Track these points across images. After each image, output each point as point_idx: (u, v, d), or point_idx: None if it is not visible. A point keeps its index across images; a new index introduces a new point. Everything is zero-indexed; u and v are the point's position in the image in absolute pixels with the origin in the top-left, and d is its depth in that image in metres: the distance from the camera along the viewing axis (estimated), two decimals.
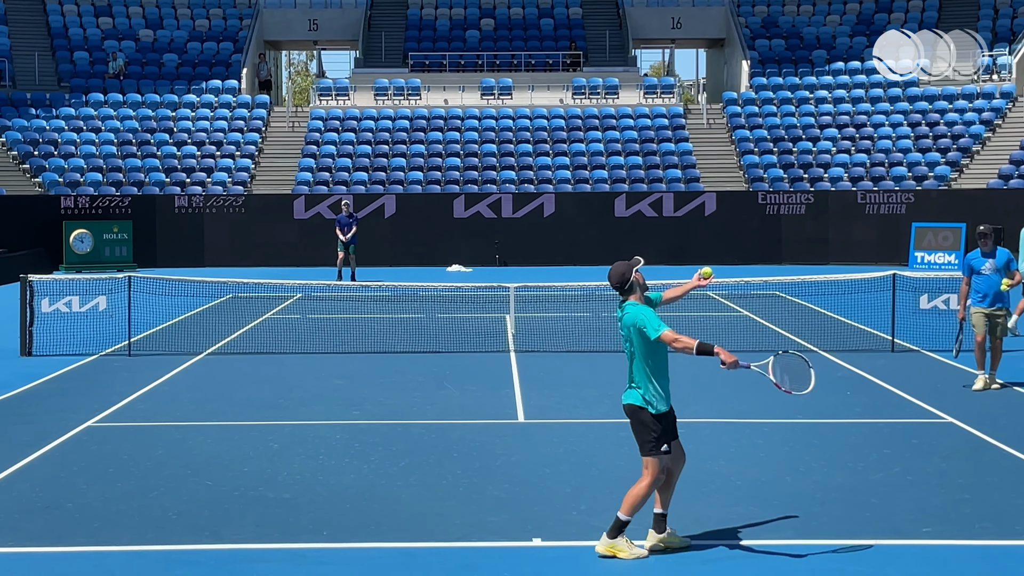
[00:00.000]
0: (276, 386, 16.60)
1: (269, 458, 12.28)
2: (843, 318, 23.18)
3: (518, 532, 9.69)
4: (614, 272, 9.20)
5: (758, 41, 47.45)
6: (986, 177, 39.30)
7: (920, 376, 17.33)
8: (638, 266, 9.22)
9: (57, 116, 43.06)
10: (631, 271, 9.17)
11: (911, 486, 11.14)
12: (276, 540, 9.53)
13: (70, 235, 35.49)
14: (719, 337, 21.01)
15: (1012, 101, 42.59)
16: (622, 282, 9.17)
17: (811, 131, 42.31)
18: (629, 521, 8.99)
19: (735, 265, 36.19)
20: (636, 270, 9.18)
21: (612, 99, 45.38)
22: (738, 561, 8.99)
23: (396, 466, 11.93)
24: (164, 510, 10.35)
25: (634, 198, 37.94)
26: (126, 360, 18.96)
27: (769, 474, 11.55)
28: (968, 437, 13.28)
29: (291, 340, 20.92)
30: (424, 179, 40.48)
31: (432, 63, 47.81)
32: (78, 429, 13.71)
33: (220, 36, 48.01)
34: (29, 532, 9.76)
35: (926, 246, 35.85)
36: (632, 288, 9.19)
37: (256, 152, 42.22)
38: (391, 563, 9.00)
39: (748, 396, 15.76)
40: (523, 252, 37.20)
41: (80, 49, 46.79)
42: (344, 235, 31.44)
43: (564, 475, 11.49)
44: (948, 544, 9.43)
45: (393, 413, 14.69)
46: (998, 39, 45.78)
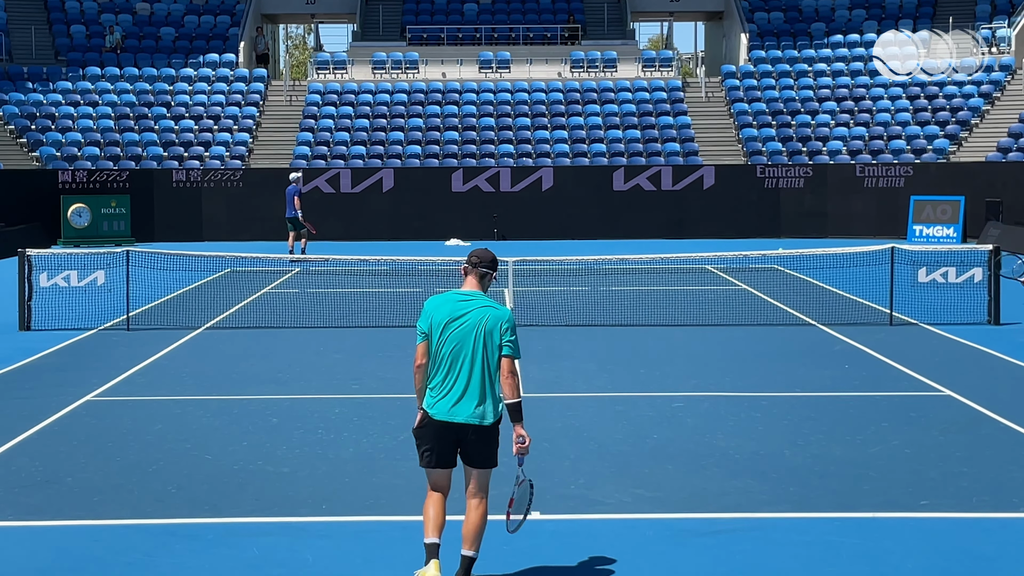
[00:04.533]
0: (275, 360, 16.61)
1: (268, 432, 12.30)
2: (841, 291, 23.18)
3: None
4: (489, 252, 8.05)
5: (757, 14, 47.30)
6: (985, 150, 39.24)
7: (918, 349, 17.35)
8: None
9: (54, 90, 42.94)
10: (495, 267, 8.08)
11: (909, 459, 11.16)
12: (275, 514, 9.55)
13: (68, 209, 35.43)
14: (719, 310, 21.02)
15: (1011, 74, 42.49)
16: (496, 263, 8.05)
17: (810, 104, 42.23)
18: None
19: (733, 239, 36.20)
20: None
21: (610, 73, 45.27)
22: (736, 534, 9.01)
23: (395, 440, 11.95)
24: (163, 484, 10.37)
25: (632, 172, 37.89)
26: (124, 334, 18.96)
27: (767, 447, 11.57)
28: (966, 410, 13.30)
29: (290, 314, 20.91)
30: (422, 153, 40.41)
31: (430, 36, 47.66)
32: (77, 403, 13.72)
33: (217, 9, 47.83)
34: (28, 506, 9.78)
35: (924, 219, 35.84)
36: (489, 282, 8.04)
37: (254, 126, 42.13)
38: (390, 537, 9.02)
39: (746, 370, 15.78)
40: (521, 226, 37.17)
41: (77, 23, 46.62)
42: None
43: (562, 449, 11.50)
44: (946, 517, 9.45)
45: (392, 387, 14.70)
46: (997, 11, 45.65)
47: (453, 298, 7.93)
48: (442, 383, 7.82)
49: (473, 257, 8.00)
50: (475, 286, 7.96)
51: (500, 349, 7.79)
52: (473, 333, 7.78)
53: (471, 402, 7.77)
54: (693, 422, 12.74)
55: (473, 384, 7.77)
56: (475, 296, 7.92)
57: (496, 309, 7.86)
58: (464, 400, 7.77)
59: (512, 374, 7.78)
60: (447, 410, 7.79)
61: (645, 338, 18.41)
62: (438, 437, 7.88)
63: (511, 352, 7.79)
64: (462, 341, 7.79)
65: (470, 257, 8.02)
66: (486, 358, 7.79)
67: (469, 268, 7.98)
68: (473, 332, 7.78)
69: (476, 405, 7.77)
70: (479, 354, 7.78)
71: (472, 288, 7.96)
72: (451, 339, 7.81)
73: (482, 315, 7.81)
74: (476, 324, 7.79)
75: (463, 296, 7.92)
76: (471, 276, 7.97)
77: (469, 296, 7.92)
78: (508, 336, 7.80)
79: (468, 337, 7.79)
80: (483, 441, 7.83)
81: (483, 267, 7.96)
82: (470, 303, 7.87)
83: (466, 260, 8.05)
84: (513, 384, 7.76)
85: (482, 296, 7.94)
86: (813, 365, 16.19)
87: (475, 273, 7.96)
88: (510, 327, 7.82)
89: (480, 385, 7.77)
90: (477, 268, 7.96)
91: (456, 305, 7.87)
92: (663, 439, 11.94)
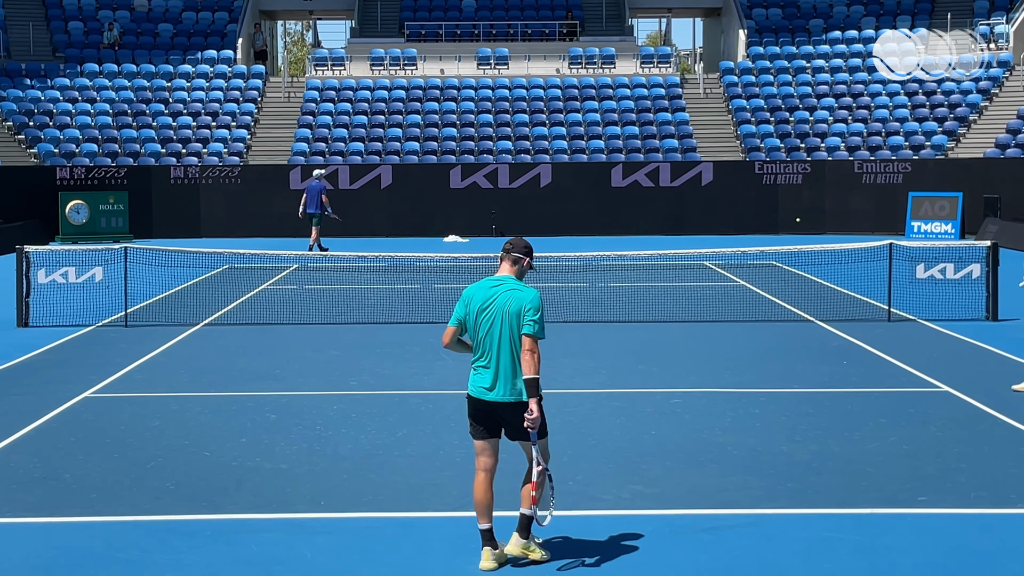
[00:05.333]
0: (273, 357, 16.61)
1: (266, 429, 12.30)
2: (839, 287, 23.19)
3: (515, 501, 9.68)
4: (523, 240, 8.54)
5: (755, 10, 47.28)
6: (983, 146, 39.25)
7: (916, 345, 17.36)
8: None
9: (52, 87, 42.91)
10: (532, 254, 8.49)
11: (907, 455, 11.17)
12: (273, 510, 9.55)
13: (66, 206, 35.43)
14: (717, 306, 21.03)
15: (1009, 70, 42.50)
16: (530, 250, 8.46)
17: (808, 101, 42.22)
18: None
19: (731, 235, 36.22)
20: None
21: (609, 69, 45.25)
22: (734, 531, 9.02)
23: (393, 436, 11.95)
24: (161, 480, 10.37)
25: (631, 168, 37.88)
26: (123, 331, 18.96)
27: (765, 444, 11.58)
28: (964, 406, 13.31)
29: (288, 311, 20.92)
30: (420, 149, 40.39)
31: (428, 33, 47.64)
32: (75, 400, 13.72)
33: (215, 6, 47.79)
34: (27, 502, 9.78)
35: (923, 215, 35.84)
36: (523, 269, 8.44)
37: (252, 123, 42.11)
38: (388, 533, 9.03)
39: (744, 366, 15.78)
40: (519, 222, 37.12)
41: (75, 19, 46.58)
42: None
43: (561, 445, 11.49)
44: (943, 513, 9.46)
45: (390, 384, 14.71)
46: (995, 7, 45.64)
47: (486, 284, 8.41)
48: (480, 364, 8.36)
49: (508, 244, 8.51)
50: (508, 271, 8.42)
51: (523, 327, 8.20)
52: (500, 316, 8.24)
53: (502, 382, 8.24)
54: (691, 418, 12.74)
55: (503, 365, 8.24)
56: (505, 281, 8.36)
57: (521, 292, 8.28)
58: (497, 381, 8.26)
59: (530, 351, 8.14)
60: (483, 390, 8.32)
61: (643, 334, 18.42)
62: (476, 412, 8.44)
63: (530, 330, 8.17)
64: (492, 324, 8.26)
65: (505, 244, 8.51)
66: (512, 339, 8.22)
67: (503, 254, 8.46)
68: (500, 315, 8.24)
69: (506, 384, 8.23)
70: (506, 336, 8.23)
71: (505, 273, 8.42)
72: (483, 323, 8.30)
73: (508, 298, 8.25)
74: (502, 307, 8.24)
75: (494, 282, 8.38)
76: (505, 262, 8.45)
77: (499, 281, 8.37)
78: (530, 316, 8.20)
79: (496, 320, 8.25)
80: (519, 416, 8.23)
81: (515, 252, 8.41)
82: (499, 288, 8.32)
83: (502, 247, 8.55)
84: (529, 360, 8.13)
85: (512, 280, 8.37)
86: (811, 361, 16.19)
87: (508, 259, 8.44)
88: (533, 307, 8.21)
89: (510, 365, 8.22)
90: (510, 253, 8.42)
91: (488, 291, 8.35)
92: (661, 435, 11.94)
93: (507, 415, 8.29)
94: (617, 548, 8.62)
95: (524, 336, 8.18)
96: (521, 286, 8.33)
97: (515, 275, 8.43)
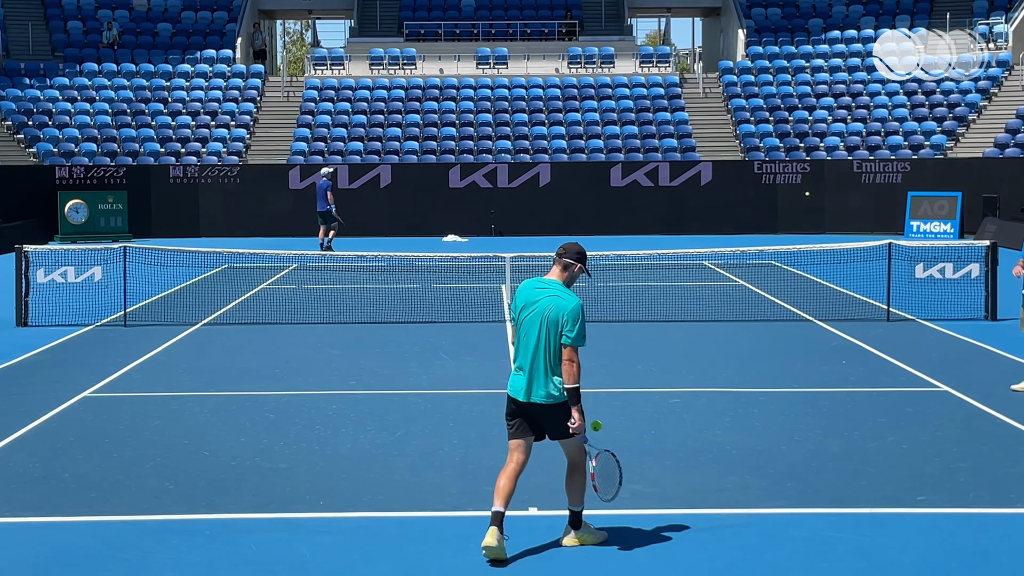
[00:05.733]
0: (272, 356, 16.61)
1: (265, 428, 12.30)
2: (839, 287, 23.19)
3: (514, 501, 9.69)
4: (577, 245, 8.61)
5: (754, 10, 47.28)
6: (982, 146, 39.26)
7: (915, 345, 17.35)
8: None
9: (51, 86, 42.90)
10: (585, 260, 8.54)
11: (906, 455, 11.17)
12: (273, 510, 9.55)
13: (65, 205, 35.43)
14: (716, 306, 21.03)
15: (1008, 69, 42.51)
16: (582, 256, 8.53)
17: (807, 100, 42.23)
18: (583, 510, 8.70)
19: (731, 235, 36.22)
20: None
21: (608, 68, 45.25)
22: (733, 530, 9.02)
23: (392, 436, 11.95)
24: (161, 480, 10.37)
25: (630, 168, 37.88)
26: (122, 331, 18.96)
27: (764, 443, 11.58)
28: (963, 406, 13.31)
29: (287, 310, 20.91)
30: (419, 149, 40.38)
31: (427, 32, 47.64)
32: (74, 399, 13.71)
33: (214, 5, 47.79)
34: (26, 502, 9.78)
35: (922, 215, 35.85)
36: (574, 275, 8.51)
37: (251, 122, 42.10)
38: (387, 532, 9.03)
39: (743, 366, 15.79)
40: (519, 222, 37.16)
41: (74, 18, 46.57)
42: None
43: (559, 445, 11.49)
44: (942, 512, 9.46)
45: (389, 383, 14.71)
46: (994, 7, 45.66)
47: (532, 285, 8.57)
48: (517, 365, 8.49)
49: (560, 248, 8.59)
50: (557, 276, 8.52)
51: (561, 338, 8.31)
52: (539, 320, 8.38)
53: (535, 383, 8.38)
54: (690, 418, 12.74)
55: (537, 367, 8.37)
56: (550, 285, 8.48)
57: (562, 299, 8.37)
58: (531, 382, 8.40)
59: (569, 361, 8.28)
60: (517, 389, 8.45)
61: (642, 334, 18.41)
62: (511, 411, 8.54)
63: (569, 341, 8.29)
64: (530, 327, 8.42)
65: (559, 248, 8.60)
66: (548, 344, 8.34)
67: (556, 258, 8.56)
68: (539, 319, 8.37)
69: (538, 386, 8.37)
70: (542, 340, 8.36)
71: (554, 277, 8.53)
72: (524, 324, 8.47)
73: (549, 304, 8.36)
74: (542, 312, 8.37)
75: (541, 284, 8.53)
76: (556, 266, 8.55)
77: (545, 285, 8.50)
78: (569, 326, 8.30)
79: (535, 323, 8.39)
80: (553, 416, 8.42)
81: (567, 258, 8.50)
82: (543, 291, 8.45)
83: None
84: (568, 370, 8.28)
85: (557, 286, 8.47)
86: (810, 361, 16.19)
87: (559, 263, 8.54)
88: (572, 318, 8.30)
89: (543, 368, 8.36)
90: (562, 258, 8.53)
91: (532, 292, 8.51)
92: (660, 435, 11.94)
93: (542, 416, 8.44)
94: (617, 548, 8.62)
95: (563, 346, 8.29)
96: (564, 293, 8.41)
97: (563, 281, 8.50)
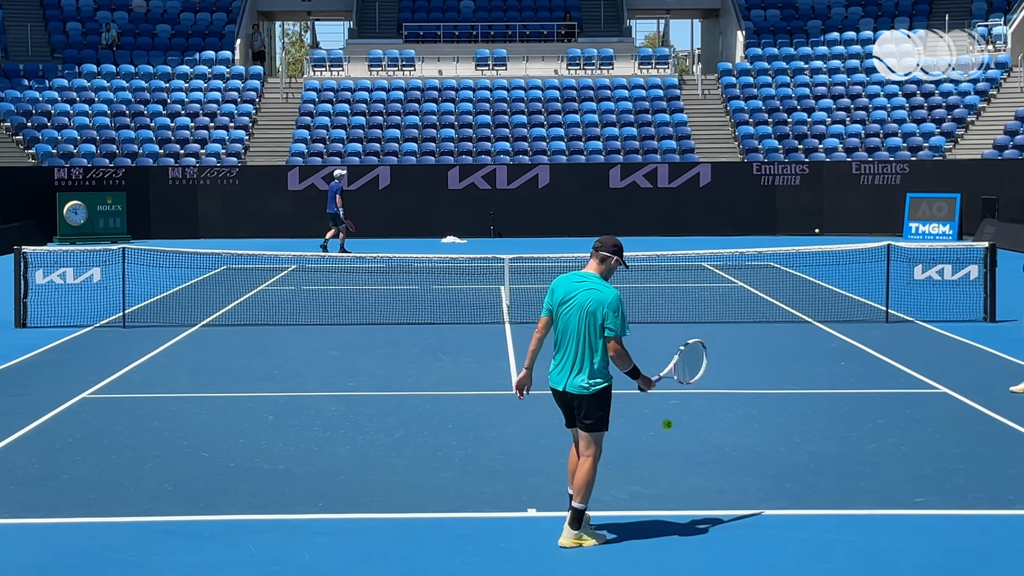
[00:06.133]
0: (271, 358, 16.61)
1: (264, 430, 12.30)
2: (837, 288, 23.20)
3: (513, 503, 9.72)
4: (613, 238, 8.77)
5: (753, 11, 47.30)
6: (981, 147, 39.27)
7: (914, 346, 17.36)
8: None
9: (50, 87, 42.89)
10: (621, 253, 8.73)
11: (904, 456, 11.18)
12: (271, 511, 9.56)
13: (64, 206, 35.41)
14: (715, 307, 21.03)
15: (1007, 71, 42.52)
16: (619, 248, 8.71)
17: (806, 102, 42.24)
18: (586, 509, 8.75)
19: (730, 236, 36.23)
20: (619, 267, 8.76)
21: (607, 70, 45.26)
22: (732, 531, 9.02)
23: (391, 437, 11.95)
24: (159, 481, 10.37)
25: (629, 169, 37.88)
26: (121, 332, 18.96)
27: (763, 445, 11.58)
28: (962, 407, 13.31)
29: (286, 312, 20.91)
30: (418, 150, 40.39)
31: (426, 33, 47.65)
32: (73, 401, 13.71)
33: (213, 7, 47.79)
34: (24, 503, 9.78)
35: (920, 216, 35.85)
36: (611, 267, 8.69)
37: (250, 123, 42.10)
38: (386, 534, 9.03)
39: (742, 367, 15.79)
40: (518, 223, 37.16)
41: (73, 20, 46.56)
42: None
43: (559, 446, 11.50)
44: (941, 514, 9.47)
45: (388, 384, 14.71)
46: (993, 8, 45.68)
47: (571, 279, 8.74)
48: (557, 354, 8.70)
49: (597, 242, 8.77)
50: (595, 269, 8.71)
51: (603, 331, 8.51)
52: (578, 313, 8.57)
53: (574, 374, 8.61)
54: (689, 419, 12.75)
55: (576, 358, 8.58)
56: (588, 279, 8.67)
57: (600, 292, 8.57)
58: (571, 372, 8.62)
59: (615, 352, 8.54)
60: (557, 379, 8.71)
61: (641, 335, 18.37)
62: (557, 401, 8.83)
63: (612, 333, 8.51)
64: (569, 319, 8.61)
65: (595, 242, 8.78)
66: (587, 336, 8.54)
67: (592, 252, 8.74)
68: (578, 312, 8.57)
69: (577, 377, 8.60)
70: (581, 332, 8.55)
71: (591, 271, 8.71)
72: (563, 317, 8.66)
73: (587, 297, 8.56)
74: (581, 305, 8.56)
75: (579, 277, 8.72)
76: (593, 259, 8.74)
77: (584, 278, 8.69)
78: (610, 319, 8.51)
79: (574, 316, 8.59)
80: (585, 407, 8.65)
81: (603, 251, 8.69)
82: (581, 285, 8.64)
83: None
84: (618, 360, 8.57)
85: (595, 279, 8.65)
86: (809, 362, 16.20)
87: (596, 256, 8.73)
88: (611, 310, 8.50)
89: (580, 359, 8.58)
90: (599, 252, 8.71)
91: (571, 286, 8.69)
92: (659, 436, 11.94)
93: (576, 404, 8.66)
94: (615, 549, 8.62)
95: (608, 340, 8.49)
96: (602, 286, 8.59)
97: (601, 273, 8.67)
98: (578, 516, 8.66)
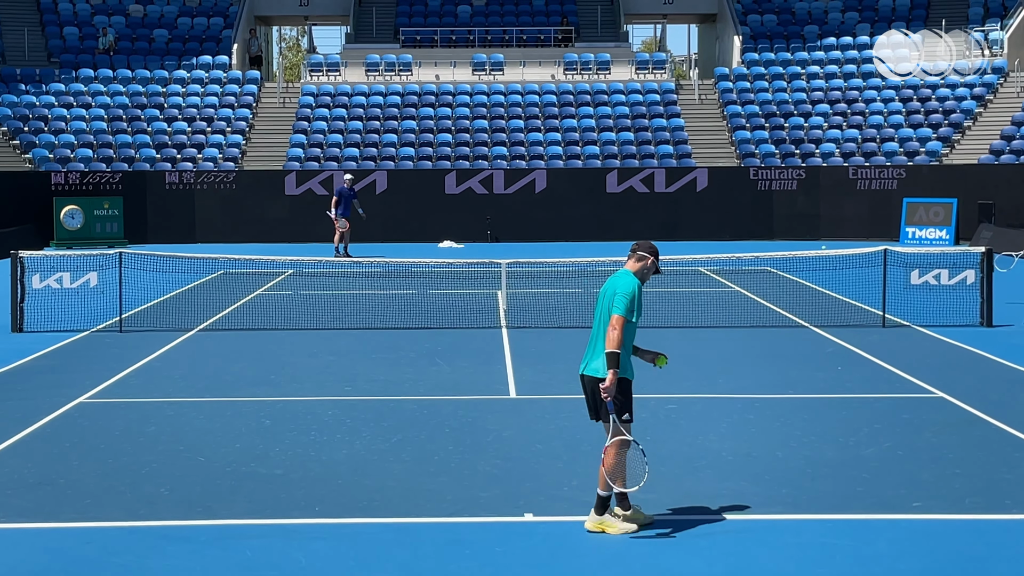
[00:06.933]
0: (268, 362, 16.60)
1: (261, 434, 12.29)
2: (834, 293, 23.21)
3: (509, 508, 9.71)
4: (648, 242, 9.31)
5: (750, 16, 47.35)
6: (977, 152, 39.31)
7: (911, 351, 17.37)
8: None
9: (47, 92, 42.88)
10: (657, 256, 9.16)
11: (902, 461, 11.18)
12: (268, 516, 9.55)
13: (60, 211, 35.42)
14: (712, 312, 21.04)
15: (1003, 76, 42.57)
16: (655, 251, 9.15)
17: (803, 107, 42.28)
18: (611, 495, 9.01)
19: (726, 241, 36.24)
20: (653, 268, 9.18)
21: (604, 75, 45.29)
22: (729, 536, 9.02)
23: (388, 442, 11.95)
24: (156, 486, 10.36)
25: (626, 174, 37.90)
26: (117, 336, 18.94)
27: (760, 449, 11.58)
28: (959, 412, 13.32)
29: (282, 316, 20.90)
30: (415, 155, 40.40)
31: (423, 38, 47.66)
32: (69, 405, 13.70)
33: (210, 11, 47.80)
34: (20, 508, 9.77)
35: (917, 221, 35.89)
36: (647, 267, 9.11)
37: (247, 128, 42.10)
38: (383, 539, 9.02)
39: (739, 372, 15.79)
40: (514, 228, 37.17)
41: (70, 24, 46.57)
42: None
43: (555, 451, 11.51)
44: (938, 518, 9.46)
45: (385, 389, 14.70)
46: (990, 14, 45.73)
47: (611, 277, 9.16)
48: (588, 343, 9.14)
49: (635, 244, 9.26)
50: (632, 268, 9.11)
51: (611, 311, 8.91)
52: (600, 301, 9.10)
53: (593, 359, 9.01)
54: (686, 424, 12.75)
55: (596, 344, 9.02)
56: (620, 274, 9.08)
57: (618, 278, 9.03)
58: (592, 358, 9.02)
59: (611, 326, 8.83)
60: (582, 365, 9.13)
61: (638, 340, 18.38)
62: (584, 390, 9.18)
63: (615, 311, 8.85)
64: (597, 308, 9.12)
65: (633, 244, 9.26)
66: (604, 321, 8.96)
67: (630, 253, 9.20)
68: (600, 300, 9.10)
69: (589, 359, 9.05)
70: (599, 317, 9.04)
71: (628, 269, 9.11)
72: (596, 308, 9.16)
73: (608, 285, 9.05)
74: (603, 293, 9.08)
75: (615, 275, 9.12)
76: (631, 259, 9.18)
77: (618, 274, 9.10)
78: (616, 299, 8.90)
79: (598, 304, 9.13)
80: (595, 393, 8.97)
81: (640, 251, 9.15)
82: (612, 278, 9.07)
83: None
84: (608, 335, 8.83)
85: (624, 272, 9.06)
86: (806, 367, 16.21)
87: (633, 256, 9.18)
88: (622, 292, 8.90)
89: (596, 343, 9.02)
90: (636, 252, 9.19)
91: (607, 283, 9.12)
92: (656, 441, 11.93)
93: (595, 390, 8.95)
94: (612, 553, 8.62)
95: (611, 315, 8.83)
96: (624, 274, 9.01)
97: (636, 272, 9.08)
98: (603, 502, 8.94)
